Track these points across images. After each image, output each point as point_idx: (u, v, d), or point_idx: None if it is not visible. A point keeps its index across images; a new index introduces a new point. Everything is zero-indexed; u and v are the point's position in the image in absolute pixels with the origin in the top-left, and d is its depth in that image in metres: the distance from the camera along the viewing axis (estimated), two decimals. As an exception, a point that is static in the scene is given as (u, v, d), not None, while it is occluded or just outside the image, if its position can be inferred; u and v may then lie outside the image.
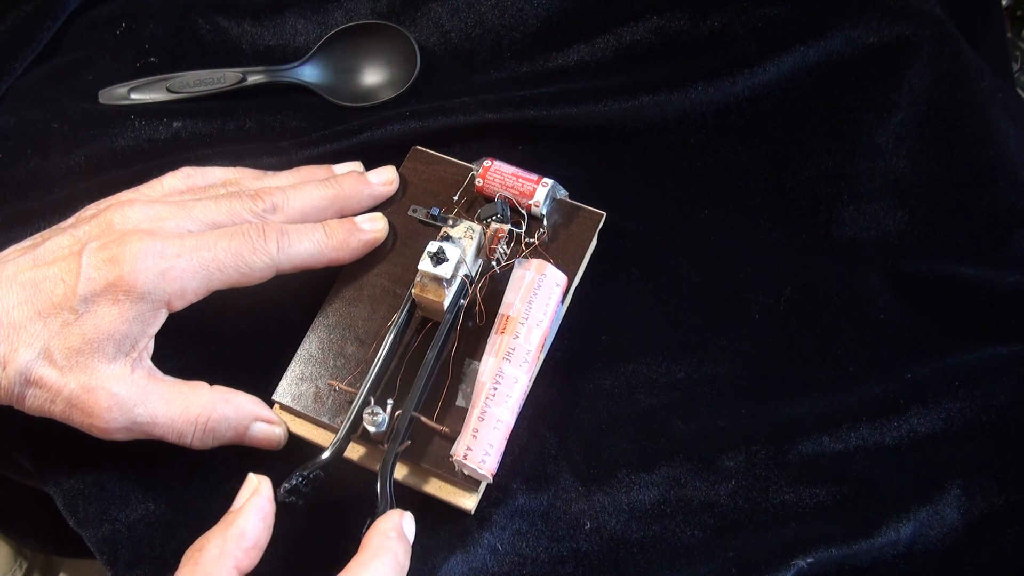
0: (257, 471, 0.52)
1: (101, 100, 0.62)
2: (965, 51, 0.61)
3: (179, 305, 0.49)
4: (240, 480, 0.52)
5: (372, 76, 0.63)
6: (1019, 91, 0.95)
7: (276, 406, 0.53)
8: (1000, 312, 0.56)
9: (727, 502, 0.51)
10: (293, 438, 0.52)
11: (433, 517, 0.50)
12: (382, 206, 0.56)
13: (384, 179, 0.56)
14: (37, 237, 0.51)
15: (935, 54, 0.60)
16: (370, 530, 0.46)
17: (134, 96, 0.62)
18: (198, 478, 0.52)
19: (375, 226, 0.54)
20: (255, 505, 0.45)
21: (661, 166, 0.61)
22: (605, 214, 0.55)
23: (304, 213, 0.53)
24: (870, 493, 0.52)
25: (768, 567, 0.49)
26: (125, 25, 0.65)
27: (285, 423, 0.52)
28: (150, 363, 0.50)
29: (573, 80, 0.62)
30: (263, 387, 0.52)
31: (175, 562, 0.50)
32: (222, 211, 0.51)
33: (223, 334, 0.56)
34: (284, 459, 0.51)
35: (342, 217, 0.54)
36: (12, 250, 0.50)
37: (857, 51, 0.61)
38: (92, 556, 0.53)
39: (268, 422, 0.51)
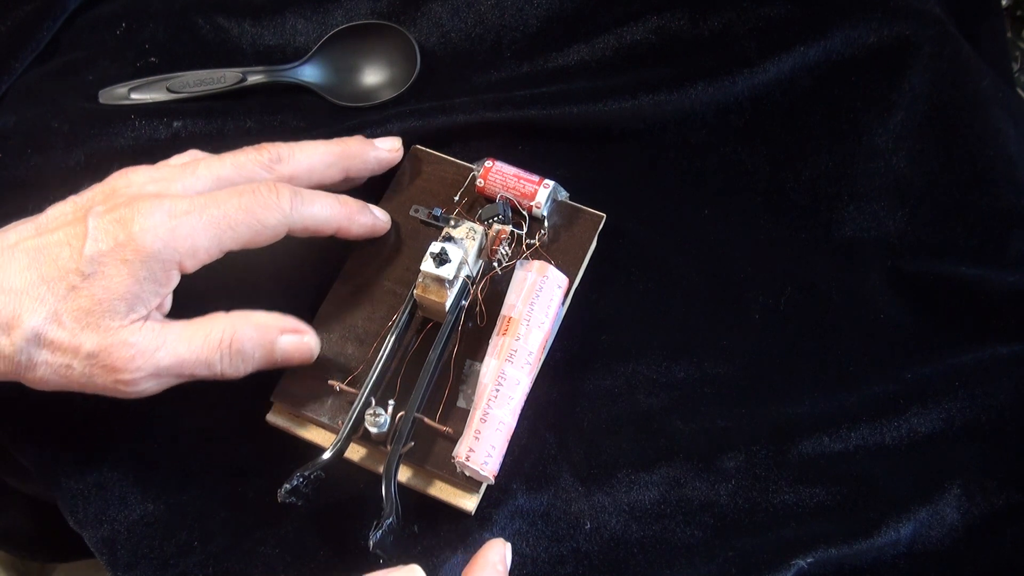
0: (256, 470, 0.52)
1: (101, 100, 0.62)
2: (965, 51, 0.61)
3: (191, 265, 0.48)
4: (240, 481, 0.52)
5: (372, 76, 0.63)
6: (1019, 91, 0.95)
7: (275, 406, 0.52)
8: (1000, 312, 0.56)
9: (727, 502, 0.51)
10: (292, 439, 0.52)
11: (433, 517, 0.50)
12: (383, 203, 0.56)
13: (390, 146, 0.56)
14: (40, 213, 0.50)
15: (935, 54, 0.60)
16: (479, 558, 0.45)
17: (134, 96, 0.62)
18: (196, 480, 0.52)
19: (384, 215, 0.54)
20: None
21: (661, 166, 0.61)
22: (605, 216, 0.55)
23: (311, 167, 0.52)
24: (870, 493, 0.52)
25: (768, 567, 0.49)
26: (125, 25, 0.65)
27: (314, 332, 0.51)
28: (162, 316, 0.49)
29: (573, 80, 0.62)
30: (262, 387, 0.52)
31: (174, 563, 0.50)
32: (226, 166, 0.50)
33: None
34: (284, 460, 0.51)
35: (347, 179, 0.54)
36: (14, 223, 0.49)
37: (857, 51, 0.61)
38: (81, 557, 0.53)
39: (295, 332, 0.50)
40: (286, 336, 0.50)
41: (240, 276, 0.51)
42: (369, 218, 0.53)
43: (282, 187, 0.50)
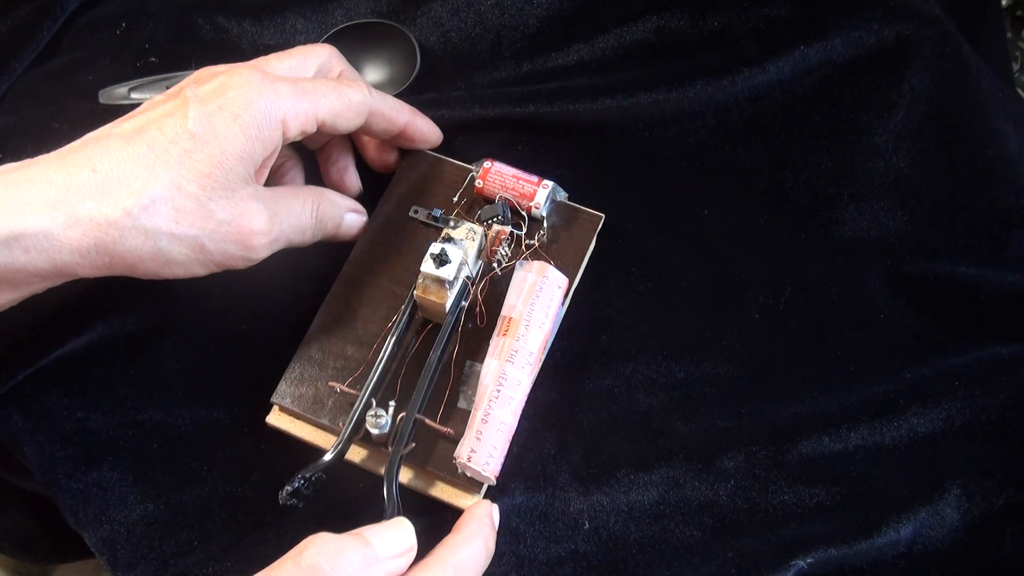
0: (256, 471, 0.52)
1: (101, 100, 0.62)
2: (965, 51, 0.61)
3: (293, 127, 0.48)
4: (240, 481, 0.52)
5: (372, 75, 0.63)
6: (1019, 91, 0.95)
7: (275, 408, 0.52)
8: (1000, 312, 0.56)
9: (727, 502, 0.51)
10: (293, 440, 0.52)
11: (432, 517, 0.50)
12: (382, 204, 0.56)
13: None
14: None
15: (935, 54, 0.60)
16: (466, 514, 0.47)
17: (134, 96, 0.62)
18: (196, 480, 0.52)
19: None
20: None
21: (661, 166, 0.61)
22: (604, 216, 0.55)
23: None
24: (870, 493, 0.52)
25: (768, 567, 0.49)
26: (125, 25, 0.65)
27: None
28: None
29: (572, 79, 0.62)
30: (263, 388, 0.52)
31: (174, 563, 0.50)
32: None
33: (223, 334, 0.56)
34: (284, 460, 0.51)
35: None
36: None
37: (857, 51, 0.61)
38: (81, 557, 0.53)
39: (357, 212, 0.54)
40: (350, 215, 0.53)
41: (242, 278, 0.51)
42: (430, 122, 0.56)
43: (360, 81, 0.53)
